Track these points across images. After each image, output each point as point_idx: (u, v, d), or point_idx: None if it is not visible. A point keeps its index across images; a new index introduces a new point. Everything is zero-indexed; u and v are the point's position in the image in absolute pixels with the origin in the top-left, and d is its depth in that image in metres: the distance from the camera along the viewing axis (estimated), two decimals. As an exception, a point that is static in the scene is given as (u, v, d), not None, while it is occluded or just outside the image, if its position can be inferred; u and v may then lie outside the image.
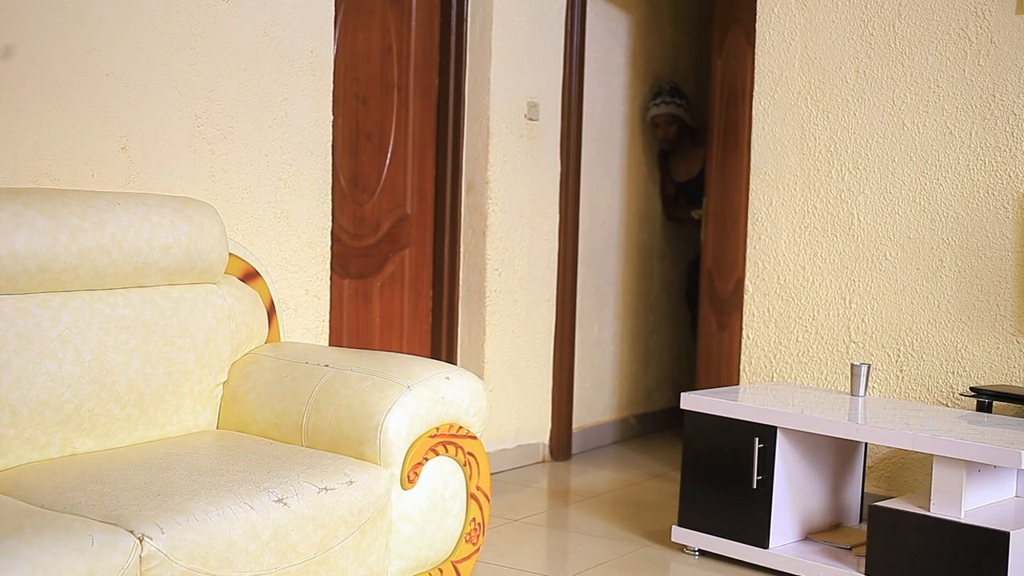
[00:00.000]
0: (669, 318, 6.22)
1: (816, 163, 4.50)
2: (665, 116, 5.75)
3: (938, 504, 3.45)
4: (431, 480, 3.04)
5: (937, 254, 4.27)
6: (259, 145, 3.87)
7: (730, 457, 3.83)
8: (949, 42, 4.22)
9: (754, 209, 4.63)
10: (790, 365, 4.57)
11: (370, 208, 4.61)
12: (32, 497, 2.54)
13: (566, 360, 5.36)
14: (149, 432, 3.07)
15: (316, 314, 4.13)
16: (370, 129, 4.57)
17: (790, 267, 4.56)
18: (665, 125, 5.77)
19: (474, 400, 3.17)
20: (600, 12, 5.54)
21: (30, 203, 2.83)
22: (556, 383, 5.26)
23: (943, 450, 3.42)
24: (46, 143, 3.26)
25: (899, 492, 4.29)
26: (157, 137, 3.55)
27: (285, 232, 3.98)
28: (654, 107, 5.77)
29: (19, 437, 2.76)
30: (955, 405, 4.20)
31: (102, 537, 2.30)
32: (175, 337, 3.10)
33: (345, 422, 3.00)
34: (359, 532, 2.82)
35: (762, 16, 4.58)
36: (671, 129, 5.77)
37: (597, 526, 4.35)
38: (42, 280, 2.83)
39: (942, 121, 4.25)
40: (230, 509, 2.55)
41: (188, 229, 3.14)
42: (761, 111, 4.60)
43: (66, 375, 2.84)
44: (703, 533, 3.91)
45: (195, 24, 3.63)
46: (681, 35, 6.18)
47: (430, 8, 4.81)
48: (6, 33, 3.14)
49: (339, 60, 4.31)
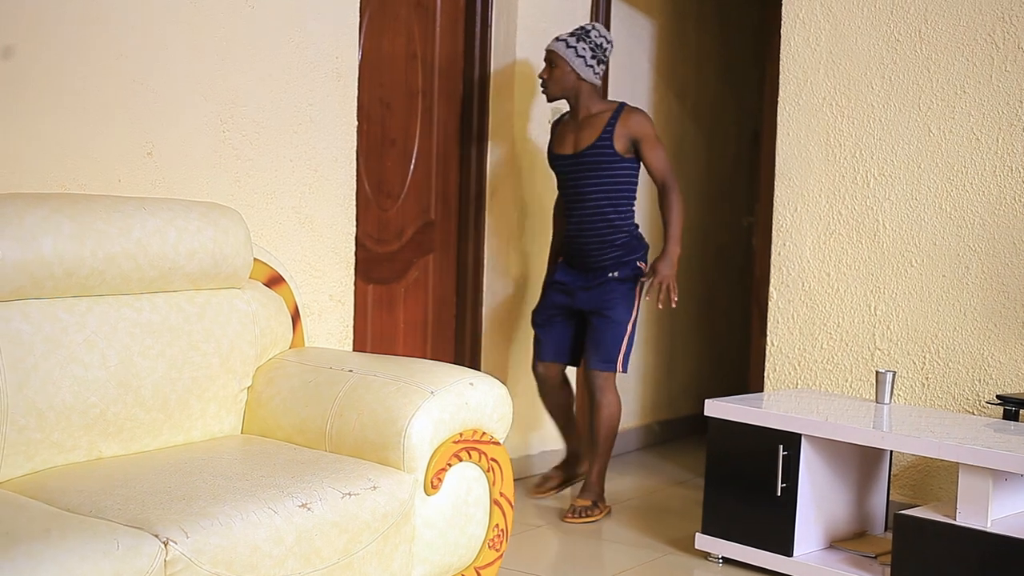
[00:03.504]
0: (693, 324, 6.20)
1: (841, 169, 4.48)
2: (546, 53, 4.52)
3: (964, 513, 3.43)
4: (454, 486, 3.04)
5: (963, 261, 4.24)
6: (284, 150, 3.88)
7: (754, 464, 3.82)
8: (976, 47, 4.20)
9: (778, 215, 4.61)
10: (815, 372, 4.55)
11: (394, 213, 4.61)
12: (58, 501, 2.55)
13: (589, 366, 5.35)
14: (174, 436, 3.08)
15: (340, 319, 4.14)
16: (395, 135, 4.58)
17: (815, 273, 4.55)
18: (549, 66, 4.50)
19: (498, 406, 3.17)
20: (624, 16, 5.54)
21: (57, 208, 2.84)
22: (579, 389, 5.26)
23: (969, 458, 3.40)
24: (73, 148, 3.28)
25: (924, 500, 4.26)
26: (183, 142, 3.56)
27: (309, 237, 3.99)
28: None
29: (45, 441, 2.77)
30: (981, 413, 4.17)
31: (127, 541, 2.31)
32: (200, 342, 3.11)
33: (369, 427, 3.01)
34: (382, 537, 2.83)
35: (787, 22, 4.57)
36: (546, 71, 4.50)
37: (620, 533, 4.34)
38: (69, 285, 2.84)
39: (968, 127, 4.22)
40: (254, 514, 2.55)
41: (213, 234, 3.15)
42: (786, 117, 4.59)
43: (92, 379, 2.85)
44: (727, 540, 3.90)
45: (221, 30, 3.64)
46: (706, 41, 6.17)
47: (455, 14, 4.82)
48: (32, 41, 3.16)
49: (364, 66, 4.32)
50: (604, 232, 4.48)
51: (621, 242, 4.50)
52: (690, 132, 6.10)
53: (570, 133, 4.54)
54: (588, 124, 4.49)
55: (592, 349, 4.51)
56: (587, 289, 4.52)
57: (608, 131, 4.42)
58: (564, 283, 4.58)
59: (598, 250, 4.49)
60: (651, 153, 4.47)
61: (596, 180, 4.45)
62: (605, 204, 4.46)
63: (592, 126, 4.47)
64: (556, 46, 4.48)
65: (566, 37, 4.48)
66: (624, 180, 4.50)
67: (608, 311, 4.48)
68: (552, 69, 4.48)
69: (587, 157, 4.45)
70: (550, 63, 4.49)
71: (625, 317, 4.49)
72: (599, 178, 4.45)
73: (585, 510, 4.46)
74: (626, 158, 4.46)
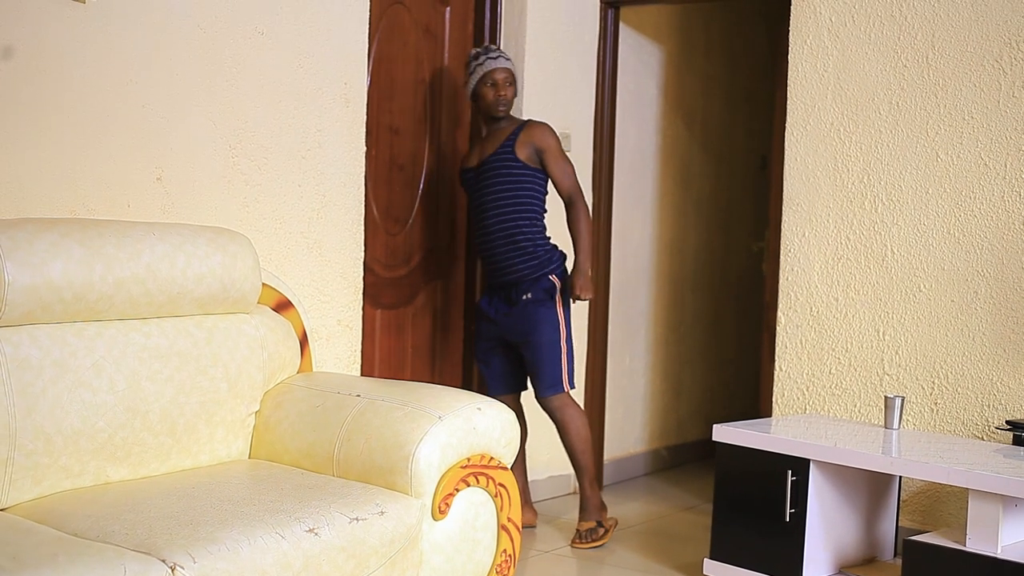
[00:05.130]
0: (701, 349, 6.20)
1: (849, 194, 4.48)
2: (505, 72, 4.48)
3: (974, 539, 3.42)
4: (462, 511, 3.03)
5: (972, 286, 4.24)
6: (292, 175, 3.89)
7: (763, 490, 3.81)
8: (983, 73, 4.21)
9: (786, 240, 4.61)
10: (823, 397, 4.54)
11: (402, 239, 4.62)
12: (66, 525, 2.55)
13: (597, 391, 5.36)
14: (182, 461, 3.08)
15: (348, 344, 4.14)
16: (403, 160, 4.60)
17: (823, 298, 4.54)
18: (505, 85, 4.47)
19: (505, 431, 3.16)
20: (633, 44, 5.56)
21: (66, 233, 2.85)
22: (587, 414, 5.25)
23: (979, 484, 3.39)
24: (83, 174, 3.29)
25: (934, 526, 4.25)
26: (192, 167, 3.58)
27: (318, 262, 4.00)
28: (488, 61, 4.48)
29: (53, 465, 2.77)
30: (991, 439, 4.16)
31: (135, 566, 2.31)
32: (208, 367, 3.12)
33: (377, 452, 3.00)
34: (390, 563, 2.82)
35: (795, 48, 4.58)
36: (510, 90, 4.49)
37: (628, 558, 4.33)
38: (78, 309, 2.85)
39: (976, 152, 4.23)
40: (262, 539, 2.55)
41: (222, 259, 3.16)
42: (794, 142, 4.59)
43: (100, 404, 2.85)
44: (735, 566, 3.88)
45: (230, 55, 3.66)
46: (714, 67, 6.19)
47: (463, 40, 4.84)
48: (42, 66, 3.18)
49: (373, 91, 4.34)
50: (512, 237, 4.40)
51: (530, 251, 4.41)
52: (698, 157, 6.11)
53: (477, 147, 4.56)
54: (493, 136, 4.50)
55: (535, 378, 4.46)
56: (508, 316, 4.44)
57: (511, 140, 4.42)
58: (487, 313, 4.51)
59: (506, 260, 4.41)
60: (555, 166, 4.45)
61: (499, 187, 4.41)
62: (509, 210, 4.40)
63: (496, 137, 4.48)
64: (510, 64, 4.50)
65: (504, 54, 4.51)
66: (528, 188, 4.43)
67: (535, 337, 4.40)
68: (512, 87, 4.50)
69: (489, 166, 4.43)
70: (513, 81, 4.49)
71: (555, 336, 4.41)
72: (502, 185, 4.41)
73: (590, 533, 4.44)
74: (529, 166, 4.43)
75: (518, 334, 4.45)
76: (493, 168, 4.43)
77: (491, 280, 4.52)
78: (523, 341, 4.44)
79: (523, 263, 4.41)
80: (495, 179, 4.42)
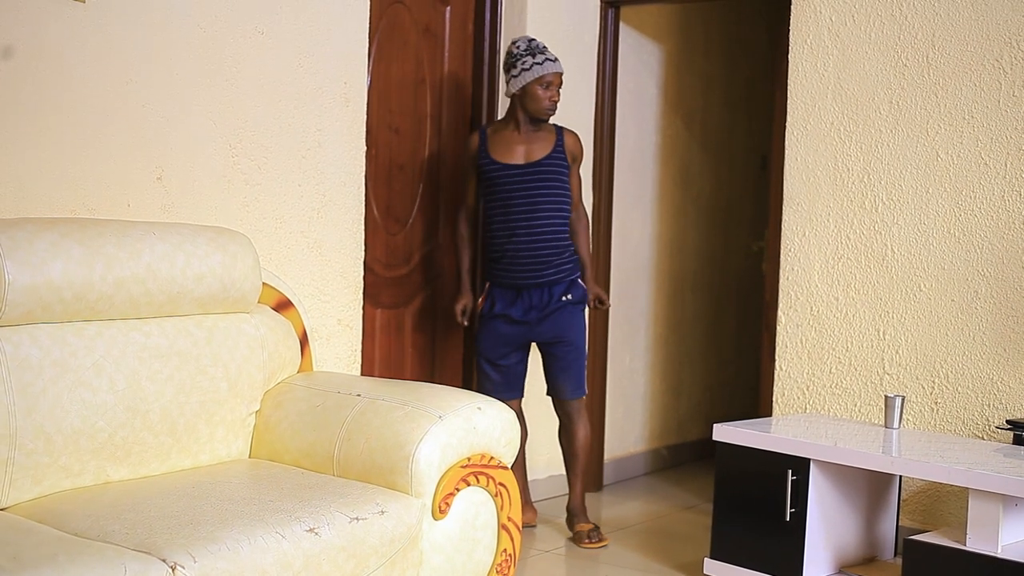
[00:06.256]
0: (701, 349, 6.20)
1: (849, 194, 4.48)
2: (560, 77, 4.44)
3: (974, 538, 3.42)
4: (462, 510, 3.03)
5: (972, 285, 4.24)
6: (292, 175, 3.89)
7: (763, 489, 3.81)
8: (983, 72, 4.21)
9: (787, 240, 4.61)
10: (823, 397, 4.54)
11: (402, 238, 4.62)
12: (66, 525, 2.55)
13: (597, 390, 5.35)
14: (182, 460, 3.08)
15: (348, 344, 4.14)
16: (403, 160, 4.59)
17: (823, 298, 4.54)
18: (556, 89, 4.43)
19: (506, 430, 3.16)
20: (633, 43, 5.56)
21: (67, 233, 2.85)
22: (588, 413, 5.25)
23: (979, 483, 3.39)
24: (83, 173, 3.29)
25: (934, 526, 4.25)
26: (192, 167, 3.58)
27: (318, 262, 4.00)
28: (548, 63, 4.40)
29: (53, 465, 2.77)
30: (991, 438, 4.16)
31: (135, 566, 2.31)
32: (208, 366, 3.12)
33: (377, 452, 3.00)
34: (390, 562, 2.82)
35: (795, 47, 4.58)
36: (559, 95, 4.47)
37: (628, 558, 4.33)
38: (78, 309, 2.85)
39: (976, 152, 4.22)
40: (262, 538, 2.55)
41: (222, 259, 3.16)
42: (794, 142, 4.59)
43: (100, 403, 2.85)
44: (735, 566, 3.88)
45: (230, 55, 3.66)
46: (713, 66, 6.19)
47: (463, 40, 4.84)
48: (42, 66, 3.18)
49: (373, 91, 4.34)
50: (561, 239, 4.43)
51: (571, 253, 4.48)
52: (698, 157, 6.11)
53: (517, 145, 4.48)
54: (537, 137, 4.46)
55: (564, 378, 4.47)
56: (544, 318, 4.41)
57: (560, 144, 4.45)
58: (509, 315, 4.43)
59: (549, 260, 4.40)
60: (577, 175, 4.56)
61: (553, 189, 4.42)
62: (556, 216, 4.43)
63: (542, 139, 4.46)
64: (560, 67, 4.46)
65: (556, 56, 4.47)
66: (569, 194, 4.51)
67: (571, 335, 4.45)
68: (559, 90, 4.47)
69: (542, 166, 4.42)
70: (560, 84, 4.46)
71: (584, 341, 4.52)
72: (555, 187, 4.43)
73: (594, 532, 4.45)
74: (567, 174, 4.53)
75: (556, 332, 4.45)
76: (548, 169, 4.44)
77: (515, 281, 4.43)
78: (558, 341, 4.46)
79: (566, 264, 4.46)
80: (549, 180, 4.44)
